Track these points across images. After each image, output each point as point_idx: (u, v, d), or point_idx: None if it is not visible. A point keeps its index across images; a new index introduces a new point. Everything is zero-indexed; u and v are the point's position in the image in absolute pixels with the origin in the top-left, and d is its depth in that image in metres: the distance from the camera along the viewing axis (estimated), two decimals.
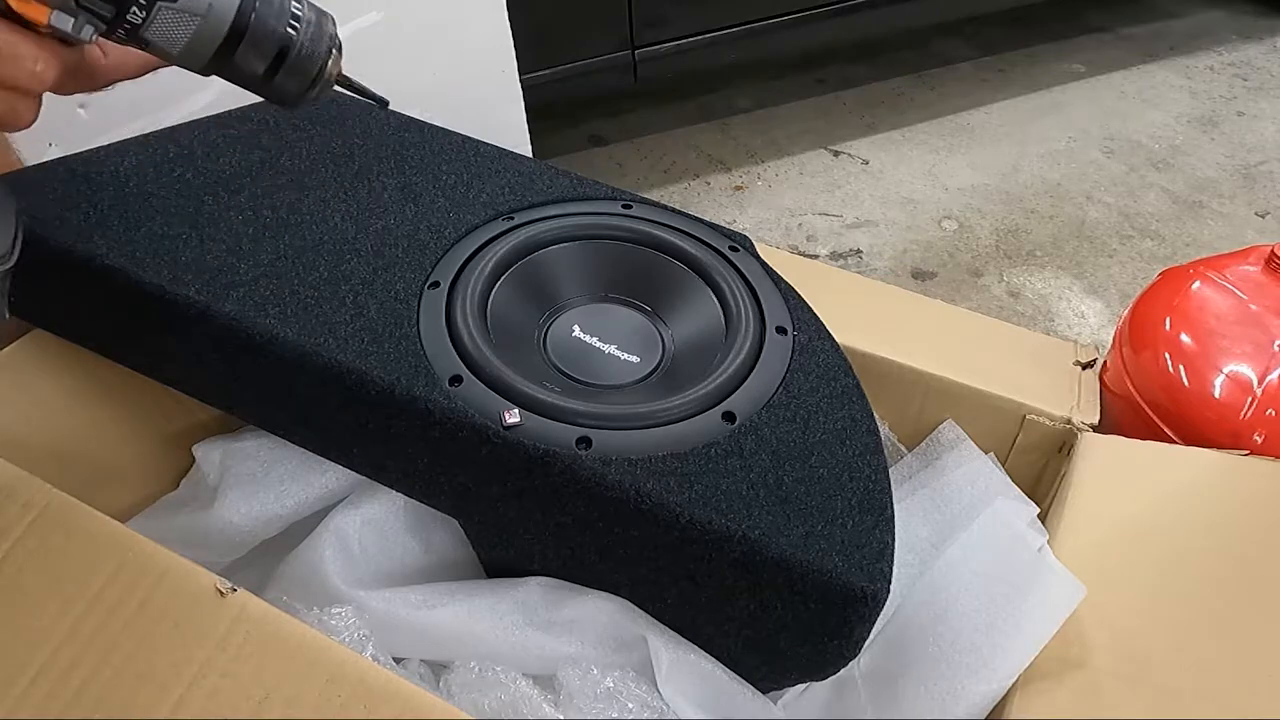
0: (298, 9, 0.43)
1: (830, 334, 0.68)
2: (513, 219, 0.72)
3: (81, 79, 0.45)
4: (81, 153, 0.72)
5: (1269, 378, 0.72)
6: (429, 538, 0.67)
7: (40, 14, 0.38)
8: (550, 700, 0.58)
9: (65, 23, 0.38)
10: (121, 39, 0.40)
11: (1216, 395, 0.73)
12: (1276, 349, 0.74)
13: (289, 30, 0.43)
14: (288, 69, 0.44)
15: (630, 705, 0.57)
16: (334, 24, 0.47)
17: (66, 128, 0.89)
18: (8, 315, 0.47)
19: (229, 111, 0.80)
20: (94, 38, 0.40)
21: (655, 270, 0.70)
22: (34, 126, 0.42)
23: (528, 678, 0.59)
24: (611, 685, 0.58)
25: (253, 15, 0.41)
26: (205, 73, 0.43)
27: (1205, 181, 1.77)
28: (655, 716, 0.57)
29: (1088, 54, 2.16)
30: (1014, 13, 2.06)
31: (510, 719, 0.57)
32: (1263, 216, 1.69)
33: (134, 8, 0.39)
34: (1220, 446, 0.71)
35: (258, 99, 0.49)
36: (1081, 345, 0.83)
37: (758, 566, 0.53)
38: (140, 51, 0.43)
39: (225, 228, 0.67)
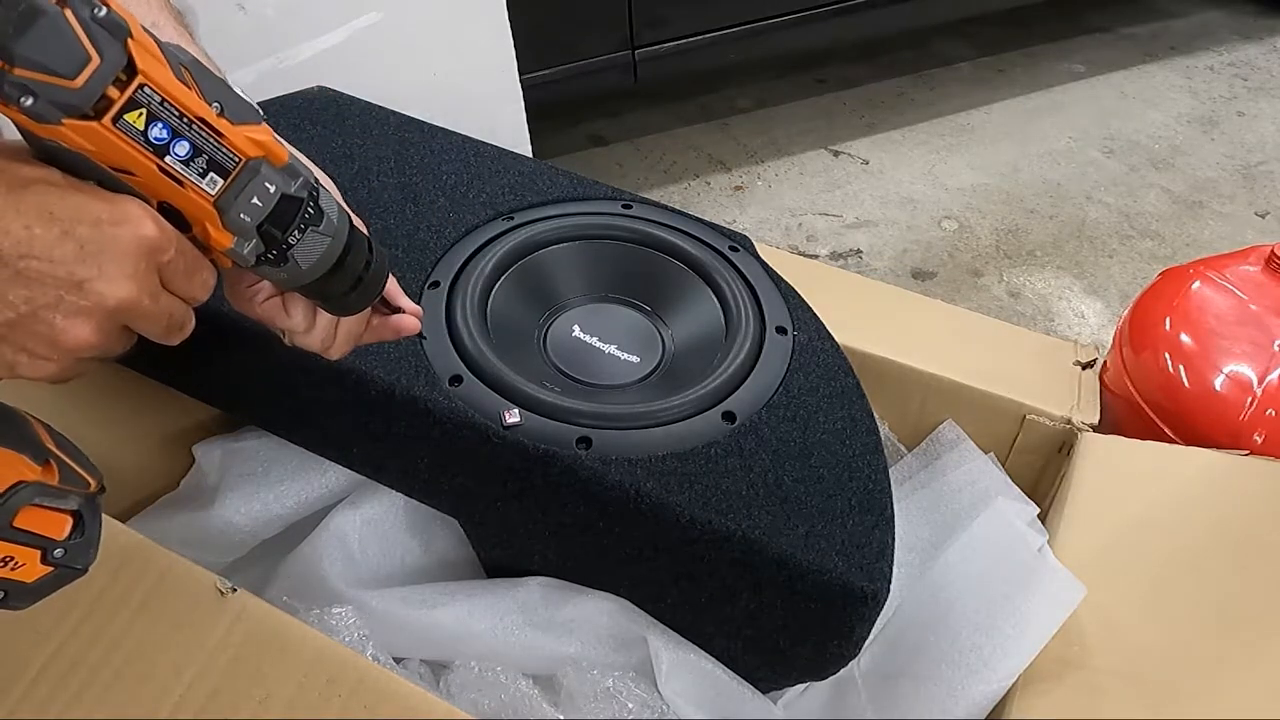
0: (371, 241, 0.48)
1: (830, 334, 0.68)
2: (513, 219, 0.72)
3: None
4: None
5: (1269, 378, 0.72)
6: (429, 538, 0.67)
7: (226, 240, 0.40)
8: (550, 700, 0.58)
9: (243, 247, 0.41)
10: (270, 260, 0.43)
11: (1216, 395, 0.73)
12: (1276, 349, 0.74)
13: (370, 255, 0.48)
14: (362, 289, 0.48)
15: (630, 705, 0.57)
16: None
17: None
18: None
19: None
20: (252, 261, 0.42)
21: (655, 270, 0.70)
22: None
23: (528, 678, 0.59)
24: (611, 685, 0.58)
25: (349, 237, 0.46)
26: (302, 291, 0.47)
27: (1205, 181, 1.77)
28: (655, 716, 0.57)
29: (1088, 54, 2.16)
30: (1014, 13, 2.06)
31: (510, 719, 0.57)
32: (1263, 216, 1.69)
33: (295, 231, 0.42)
34: (1220, 446, 0.71)
35: (257, 100, 0.50)
36: (1081, 345, 0.83)
37: (758, 566, 0.53)
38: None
39: None
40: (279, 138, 0.41)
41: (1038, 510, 0.70)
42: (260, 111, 0.40)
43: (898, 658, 0.63)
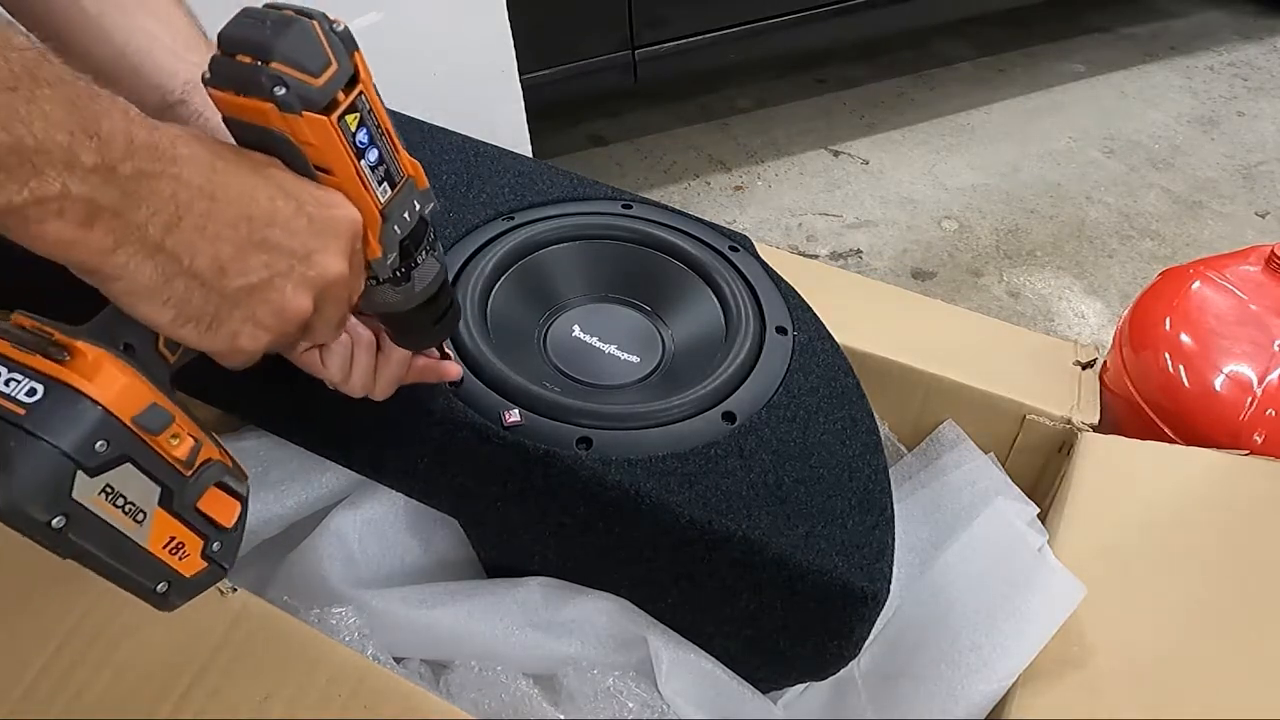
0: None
1: (830, 334, 0.68)
2: (513, 219, 0.72)
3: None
4: None
5: (1269, 378, 0.72)
6: (429, 538, 0.67)
7: (376, 251, 0.43)
8: (550, 700, 0.58)
9: (386, 259, 0.44)
10: (395, 278, 0.46)
11: (1216, 395, 0.73)
12: (1276, 349, 0.74)
13: (454, 292, 0.51)
14: (444, 323, 0.51)
15: (630, 705, 0.57)
16: None
17: None
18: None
19: None
20: (386, 276, 0.45)
21: (655, 270, 0.70)
22: None
23: (528, 678, 0.59)
24: (611, 685, 0.58)
25: (447, 272, 0.49)
26: (392, 319, 0.49)
27: (1205, 181, 1.77)
28: (655, 716, 0.57)
29: (1088, 54, 2.16)
30: (1014, 13, 2.06)
31: (510, 719, 0.57)
32: (1263, 216, 1.69)
33: (423, 252, 0.46)
34: (1220, 446, 0.72)
35: None
36: (1081, 345, 0.83)
37: (758, 567, 0.53)
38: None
39: None
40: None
41: (1038, 510, 0.70)
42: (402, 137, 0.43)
43: (898, 658, 0.63)
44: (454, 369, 0.56)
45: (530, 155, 0.96)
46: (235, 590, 0.53)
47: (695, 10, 1.58)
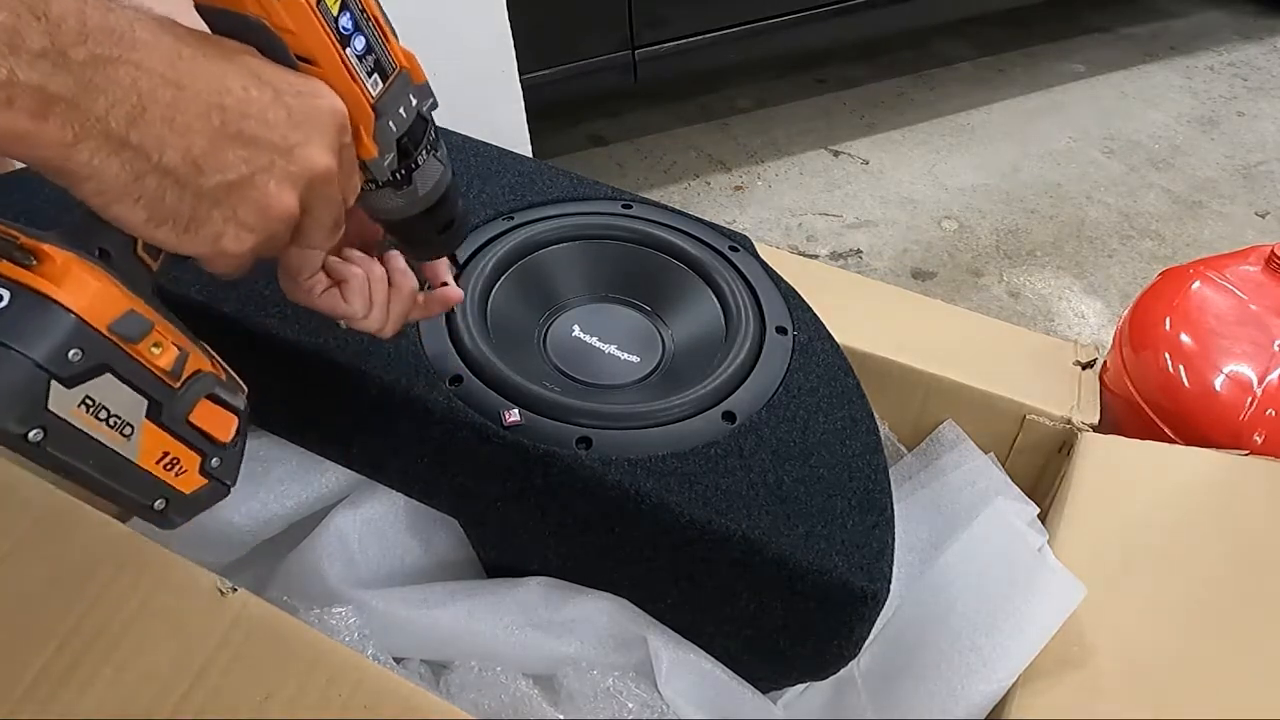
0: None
1: (830, 334, 0.68)
2: (513, 219, 0.72)
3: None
4: None
5: (1269, 378, 0.72)
6: (429, 538, 0.67)
7: (371, 151, 0.40)
8: (550, 700, 0.58)
9: (383, 160, 0.41)
10: (395, 180, 0.43)
11: (1216, 395, 0.73)
12: (1276, 349, 0.74)
13: (460, 196, 0.49)
14: (452, 232, 0.48)
15: (630, 705, 0.57)
16: None
17: None
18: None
19: None
20: (385, 178, 0.43)
21: (655, 270, 0.70)
22: None
23: (528, 678, 0.59)
24: (611, 685, 0.58)
25: (454, 171, 0.46)
26: (403, 222, 0.47)
27: (1205, 181, 1.77)
28: (655, 716, 0.57)
29: (1088, 54, 2.16)
30: (1014, 13, 2.06)
31: (510, 719, 0.57)
32: (1263, 216, 1.69)
33: (423, 151, 0.43)
34: (1220, 446, 0.71)
35: None
36: (1081, 345, 0.83)
37: (758, 566, 0.53)
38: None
39: None
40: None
41: (1038, 510, 0.70)
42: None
43: (898, 658, 0.63)
44: (457, 293, 0.54)
45: (530, 155, 0.96)
46: (235, 590, 0.53)
47: (695, 10, 1.58)
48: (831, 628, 0.55)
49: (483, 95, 1.18)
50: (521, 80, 1.19)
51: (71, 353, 0.31)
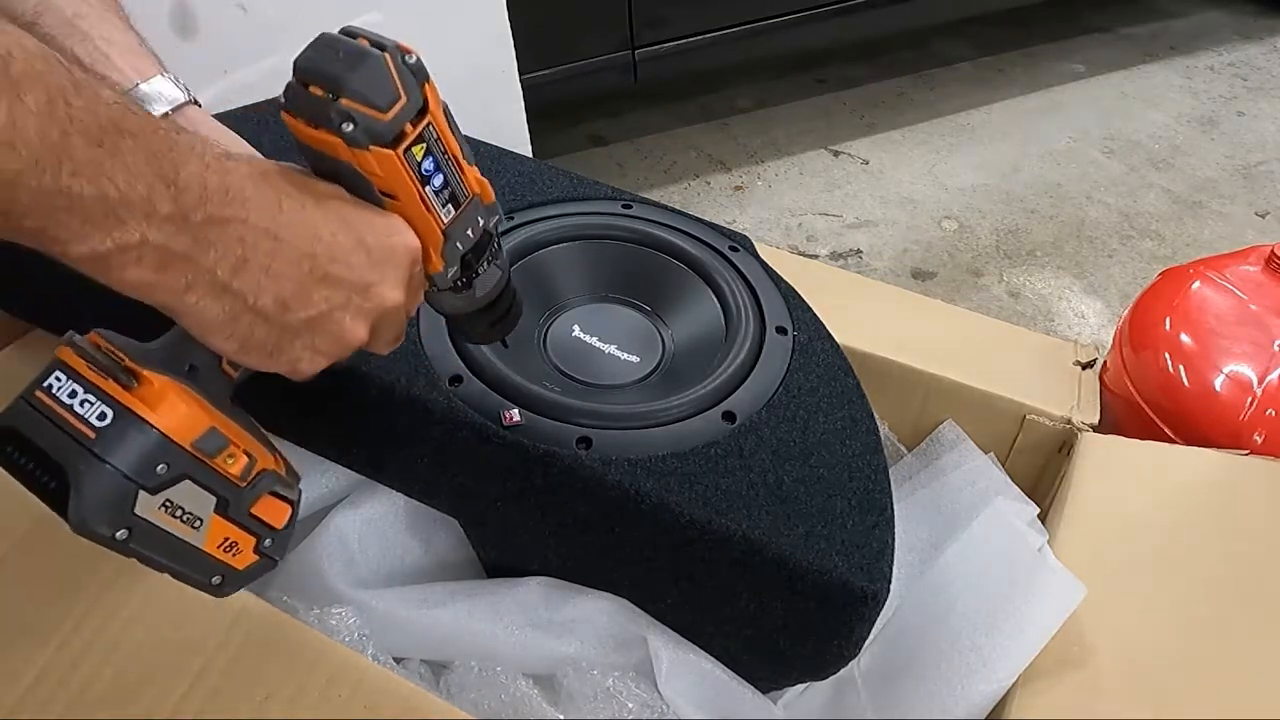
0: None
1: (830, 334, 0.68)
2: (513, 219, 0.72)
3: None
4: None
5: (1269, 378, 0.72)
6: (429, 538, 0.67)
7: (438, 265, 0.44)
8: (550, 700, 0.58)
9: (447, 272, 0.45)
10: (457, 287, 0.47)
11: (1216, 395, 0.73)
12: (1276, 349, 0.74)
13: (515, 295, 0.52)
14: (504, 324, 0.52)
15: (630, 705, 0.57)
16: None
17: None
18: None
19: (230, 112, 0.80)
20: (447, 286, 0.47)
21: (655, 270, 0.70)
22: None
23: (528, 678, 0.59)
24: (611, 685, 0.58)
25: (510, 276, 0.51)
26: (466, 315, 0.51)
27: (1205, 181, 1.77)
28: (655, 716, 0.57)
29: (1088, 54, 2.16)
30: (1014, 13, 2.06)
31: (510, 719, 0.57)
32: (1263, 216, 1.69)
33: (485, 262, 0.47)
34: (1220, 446, 0.71)
35: (258, 99, 0.51)
36: (1081, 345, 0.83)
37: (758, 566, 0.53)
38: None
39: None
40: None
41: (1038, 510, 0.70)
42: (471, 152, 0.45)
43: (898, 658, 0.63)
44: None
45: (530, 155, 0.96)
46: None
47: (695, 10, 1.58)
48: (831, 628, 0.55)
49: (483, 95, 1.18)
50: (521, 80, 1.19)
51: (159, 467, 0.36)
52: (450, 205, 0.43)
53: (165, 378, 0.37)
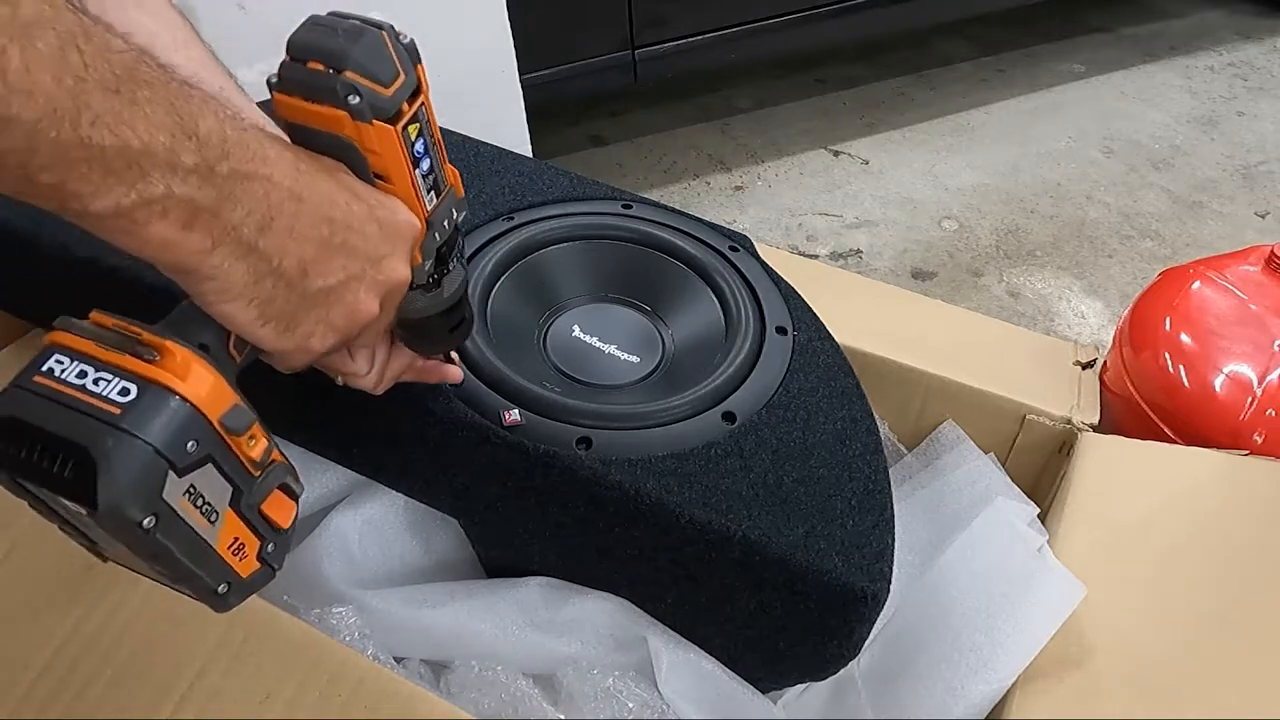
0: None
1: (830, 334, 0.68)
2: (513, 219, 0.72)
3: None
4: None
5: (1269, 378, 0.72)
6: (429, 538, 0.67)
7: (416, 257, 0.44)
8: (550, 700, 0.58)
9: (423, 267, 0.45)
10: (426, 285, 0.47)
11: (1216, 395, 0.73)
12: (1276, 349, 0.74)
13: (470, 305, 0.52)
14: (460, 330, 0.52)
15: (630, 705, 0.57)
16: None
17: None
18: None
19: None
20: (420, 281, 0.46)
21: (655, 270, 0.70)
22: None
23: (528, 678, 0.59)
24: (611, 685, 0.58)
25: (467, 283, 0.50)
26: (413, 326, 0.50)
27: (1205, 181, 1.77)
28: (655, 716, 0.57)
29: (1088, 54, 2.16)
30: (1014, 13, 2.06)
31: (510, 719, 0.57)
32: (1263, 216, 1.69)
33: (453, 260, 0.47)
34: (1220, 446, 0.71)
35: (258, 99, 0.51)
36: (1081, 345, 0.83)
37: (758, 566, 0.53)
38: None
39: None
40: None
41: (1038, 510, 0.70)
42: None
43: (898, 658, 0.63)
44: (455, 372, 0.56)
45: (530, 155, 0.96)
46: None
47: (695, 10, 1.58)
48: (831, 628, 0.55)
49: (483, 95, 1.18)
50: (521, 80, 1.19)
51: (189, 444, 0.34)
52: (433, 193, 0.43)
53: (187, 349, 0.35)
